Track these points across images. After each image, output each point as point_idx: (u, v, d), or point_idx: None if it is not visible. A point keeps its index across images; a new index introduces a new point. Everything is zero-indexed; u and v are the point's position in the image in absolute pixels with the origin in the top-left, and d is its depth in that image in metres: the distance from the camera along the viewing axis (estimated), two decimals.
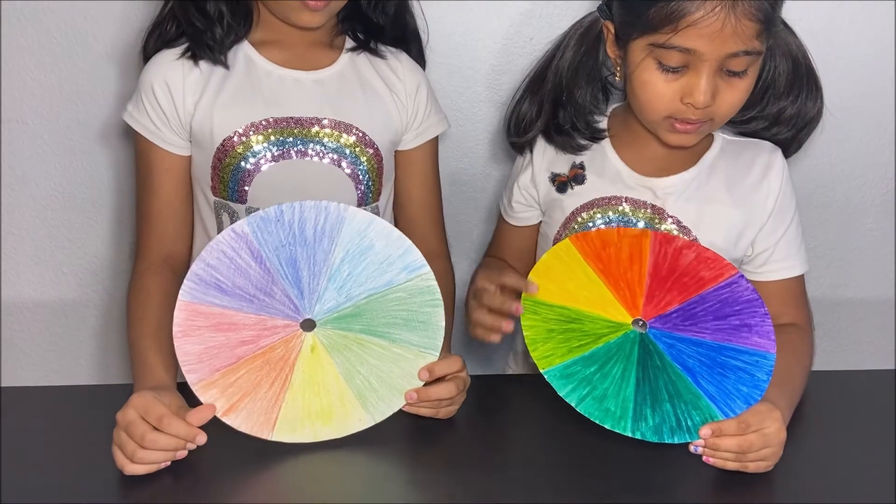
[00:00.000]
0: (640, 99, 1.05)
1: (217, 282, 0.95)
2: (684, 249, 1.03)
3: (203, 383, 0.94)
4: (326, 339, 0.98)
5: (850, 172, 1.44)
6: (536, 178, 1.19)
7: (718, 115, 1.04)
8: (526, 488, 0.91)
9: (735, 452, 0.92)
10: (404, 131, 1.22)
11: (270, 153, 1.14)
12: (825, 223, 1.46)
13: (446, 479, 0.93)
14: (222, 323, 0.95)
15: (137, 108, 1.15)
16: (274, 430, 0.95)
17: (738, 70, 1.01)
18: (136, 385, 1.00)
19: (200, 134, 1.14)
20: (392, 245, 0.99)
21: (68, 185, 1.39)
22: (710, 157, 1.14)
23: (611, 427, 0.94)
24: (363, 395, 0.98)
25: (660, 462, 0.94)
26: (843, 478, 0.95)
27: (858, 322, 1.52)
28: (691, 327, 1.00)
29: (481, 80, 1.40)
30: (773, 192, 1.12)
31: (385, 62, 1.21)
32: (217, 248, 0.95)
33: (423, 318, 0.99)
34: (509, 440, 1.01)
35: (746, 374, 0.97)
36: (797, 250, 1.15)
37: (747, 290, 1.01)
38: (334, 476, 0.93)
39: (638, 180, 1.13)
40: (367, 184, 1.18)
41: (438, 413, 1.01)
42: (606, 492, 0.91)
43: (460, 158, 1.44)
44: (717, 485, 0.93)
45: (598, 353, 0.99)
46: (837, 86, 1.36)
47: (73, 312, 1.45)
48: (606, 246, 1.04)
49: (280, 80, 1.15)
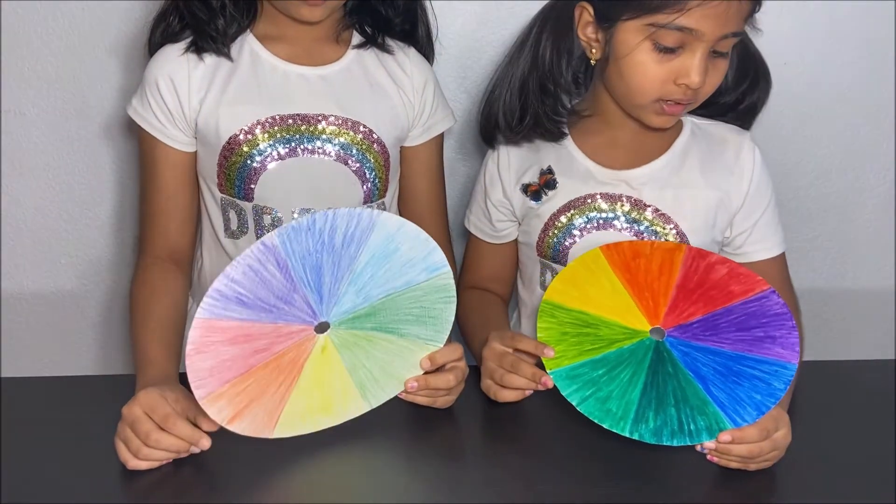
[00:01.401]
0: (630, 81, 1.04)
1: (238, 295, 0.89)
2: (717, 265, 1.01)
3: (211, 396, 0.89)
4: (338, 338, 0.96)
5: (850, 163, 1.44)
6: (507, 192, 1.18)
7: (701, 94, 1.04)
8: (525, 480, 0.91)
9: (744, 457, 0.91)
10: (410, 128, 1.21)
11: (277, 151, 1.12)
12: (824, 213, 1.46)
13: (445, 471, 0.93)
14: (238, 336, 0.90)
15: (142, 103, 1.14)
16: (275, 429, 0.93)
17: (724, 51, 1.02)
18: (139, 376, 0.99)
19: (206, 131, 1.13)
20: (418, 247, 0.96)
21: (67, 177, 1.38)
22: (681, 143, 1.13)
23: (609, 427, 0.92)
24: (364, 386, 0.97)
25: (661, 453, 0.94)
26: (842, 469, 0.95)
27: (858, 312, 1.51)
28: (711, 337, 0.98)
29: (450, 76, 1.37)
30: (747, 172, 1.12)
31: (392, 57, 1.20)
32: (244, 262, 0.89)
33: (435, 313, 0.98)
34: (508, 432, 1.01)
35: (762, 384, 0.94)
36: (775, 230, 1.15)
37: (777, 305, 0.97)
38: (331, 469, 0.93)
39: (609, 174, 1.12)
40: (373, 181, 1.17)
41: (436, 402, 1.01)
42: (607, 483, 0.91)
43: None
44: (715, 476, 0.93)
45: (609, 357, 0.98)
46: (836, 75, 1.37)
47: (71, 304, 1.44)
48: (637, 257, 1.03)
49: (285, 75, 1.14)
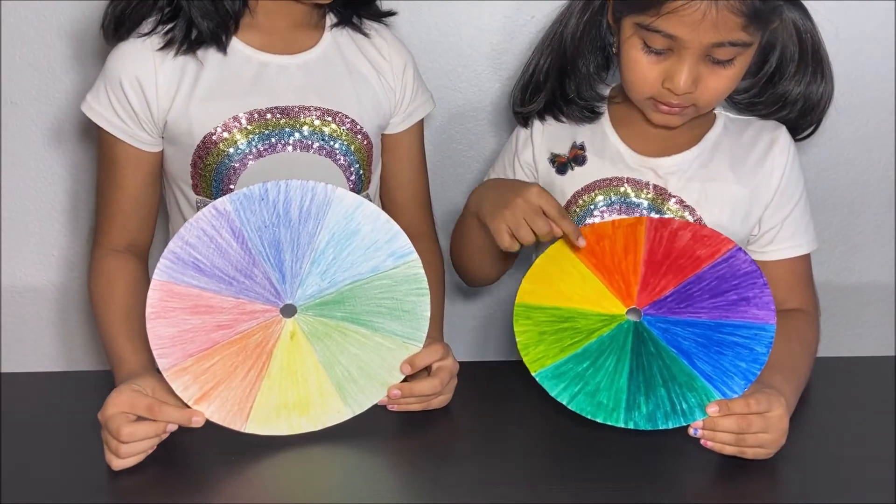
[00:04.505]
0: (626, 76, 1.05)
1: (195, 261, 0.91)
2: (680, 231, 1.01)
3: (175, 369, 0.91)
4: (307, 325, 0.95)
5: (856, 155, 1.41)
6: (536, 158, 1.17)
7: (702, 101, 1.03)
8: (521, 479, 0.90)
9: (734, 433, 0.90)
10: (392, 114, 1.17)
11: (256, 148, 1.07)
12: (830, 207, 1.44)
13: (438, 471, 0.91)
14: (199, 305, 0.92)
15: (98, 99, 1.06)
16: (248, 421, 0.92)
17: (723, 59, 1.00)
18: (114, 373, 0.99)
19: (177, 131, 1.06)
20: (379, 230, 0.96)
21: (59, 168, 1.37)
22: (712, 136, 1.12)
23: (603, 420, 0.93)
24: (342, 387, 0.96)
25: (659, 448, 0.93)
26: (846, 466, 0.93)
27: (864, 307, 1.49)
28: (686, 309, 0.98)
29: (482, 60, 1.37)
30: (779, 168, 1.10)
31: (369, 41, 1.16)
32: (197, 225, 0.92)
33: (409, 307, 0.97)
34: (505, 429, 0.99)
35: (745, 350, 0.94)
36: (805, 228, 1.12)
37: (745, 263, 0.98)
38: (320, 469, 0.91)
39: (639, 161, 1.12)
40: (358, 173, 1.14)
41: (430, 405, 0.99)
42: (606, 482, 0.89)
43: (459, 139, 1.40)
44: (716, 470, 0.92)
45: (591, 348, 0.97)
46: (843, 67, 1.33)
47: (63, 297, 1.43)
48: (601, 240, 1.02)
49: (261, 66, 1.08)
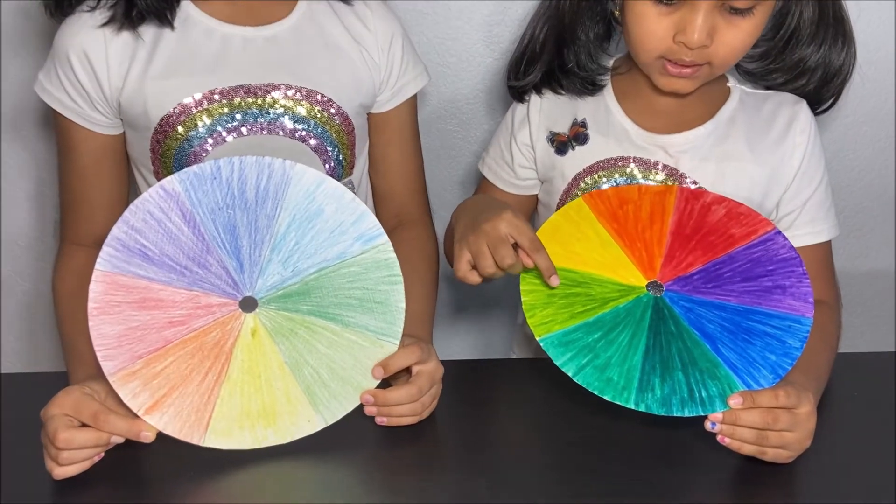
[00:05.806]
0: (633, 34, 0.97)
1: (142, 248, 0.83)
2: (713, 205, 0.94)
3: (122, 373, 0.82)
4: (270, 321, 0.87)
5: (874, 133, 1.35)
6: (534, 137, 1.09)
7: (717, 58, 0.95)
8: (514, 492, 0.82)
9: (757, 429, 0.82)
10: (378, 92, 1.08)
11: (218, 132, 0.99)
12: (846, 188, 1.37)
13: (422, 484, 0.84)
14: (147, 299, 0.83)
15: (49, 78, 0.99)
16: (207, 433, 0.84)
17: (741, 7, 0.92)
18: (70, 373, 0.92)
19: (132, 112, 0.99)
20: (344, 210, 0.88)
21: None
22: (727, 111, 1.05)
23: (611, 399, 0.84)
24: (312, 392, 0.87)
25: (668, 455, 0.86)
26: (865, 472, 0.87)
27: (880, 294, 1.44)
28: (714, 290, 0.90)
29: (473, 32, 1.29)
30: (800, 147, 1.03)
31: (351, 10, 1.07)
32: (143, 207, 0.83)
33: (381, 297, 0.89)
34: (498, 436, 0.92)
35: (776, 341, 0.86)
36: (826, 213, 1.06)
37: (784, 248, 0.91)
38: (291, 487, 0.83)
39: (647, 138, 1.04)
40: (336, 157, 1.06)
41: (422, 414, 0.91)
42: (612, 490, 0.82)
43: (448, 119, 1.33)
44: (730, 476, 0.85)
45: (604, 318, 0.89)
46: (865, 38, 1.27)
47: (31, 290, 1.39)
48: (624, 204, 0.95)
49: (224, 39, 1.00)
